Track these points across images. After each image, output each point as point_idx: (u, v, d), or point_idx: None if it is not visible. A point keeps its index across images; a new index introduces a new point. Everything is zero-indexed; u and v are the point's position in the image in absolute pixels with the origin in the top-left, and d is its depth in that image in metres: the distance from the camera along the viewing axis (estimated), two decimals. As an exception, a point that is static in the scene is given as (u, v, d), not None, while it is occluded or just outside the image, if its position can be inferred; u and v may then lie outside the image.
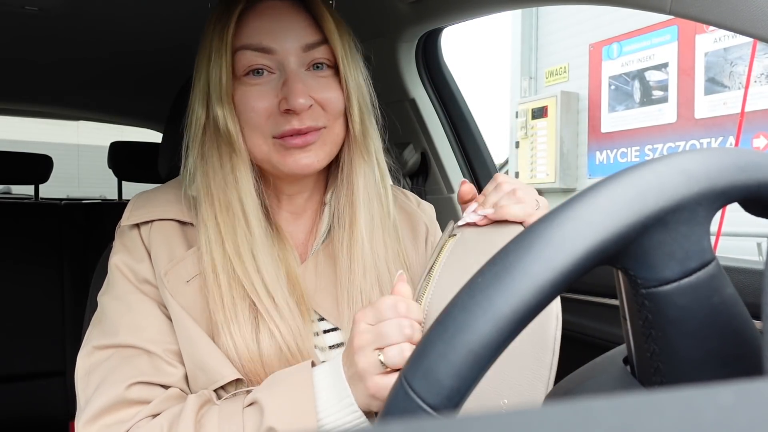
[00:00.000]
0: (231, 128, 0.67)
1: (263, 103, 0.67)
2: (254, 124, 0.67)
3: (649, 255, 0.30)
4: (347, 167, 0.74)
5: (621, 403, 0.15)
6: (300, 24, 0.69)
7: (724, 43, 5.25)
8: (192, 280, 0.67)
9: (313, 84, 0.68)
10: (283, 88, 0.67)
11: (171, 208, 0.72)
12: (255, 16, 0.68)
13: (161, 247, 0.69)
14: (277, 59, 0.68)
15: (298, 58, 0.68)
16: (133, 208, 0.73)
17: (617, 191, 0.29)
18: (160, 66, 1.68)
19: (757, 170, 0.30)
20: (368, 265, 0.71)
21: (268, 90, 0.67)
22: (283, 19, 0.68)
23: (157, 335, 0.65)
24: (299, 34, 0.68)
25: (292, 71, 0.67)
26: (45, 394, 1.71)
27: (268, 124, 0.67)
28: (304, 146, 0.68)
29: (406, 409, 0.29)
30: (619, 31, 6.22)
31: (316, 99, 0.68)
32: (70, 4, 1.23)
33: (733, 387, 0.15)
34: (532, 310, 0.28)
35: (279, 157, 0.68)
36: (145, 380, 0.62)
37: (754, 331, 0.33)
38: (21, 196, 3.16)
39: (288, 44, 0.67)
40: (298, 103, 0.65)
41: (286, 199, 0.75)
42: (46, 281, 1.73)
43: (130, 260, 0.69)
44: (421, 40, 1.32)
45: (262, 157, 0.69)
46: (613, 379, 0.38)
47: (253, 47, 0.67)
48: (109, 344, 0.64)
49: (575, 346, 1.09)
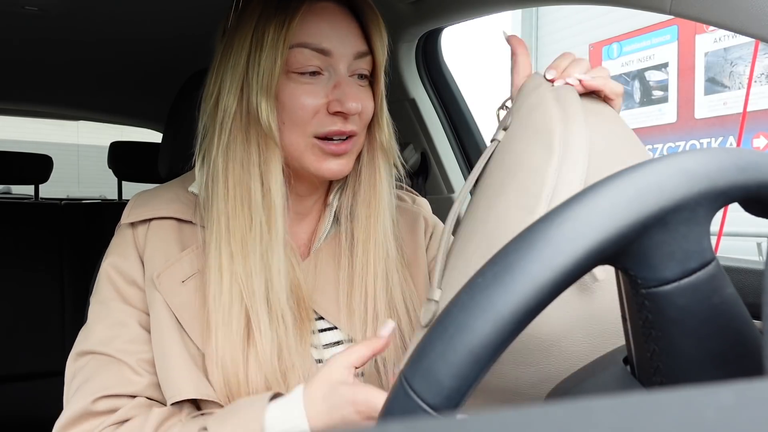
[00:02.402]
0: (272, 122, 0.66)
1: (313, 101, 0.67)
2: (298, 120, 0.67)
3: (649, 255, 0.30)
4: (368, 171, 0.75)
5: (621, 403, 0.15)
6: (353, 31, 0.70)
7: (724, 43, 5.25)
8: (188, 280, 0.67)
9: (356, 91, 0.69)
10: (334, 90, 0.68)
11: (170, 206, 0.71)
12: (314, 16, 0.68)
13: (157, 247, 0.69)
14: (330, 62, 0.68)
15: (348, 64, 0.69)
16: (132, 207, 0.73)
17: (617, 191, 0.29)
18: (161, 66, 1.68)
19: (757, 170, 0.30)
20: (379, 265, 0.72)
21: (318, 90, 0.68)
22: (340, 23, 0.69)
23: (129, 344, 0.65)
24: (353, 42, 0.70)
25: (343, 75, 0.69)
26: (45, 394, 1.71)
27: (313, 122, 0.68)
28: (341, 154, 0.69)
29: (406, 409, 0.29)
30: (619, 31, 6.22)
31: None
32: (71, 5, 1.23)
33: (733, 387, 0.15)
34: (532, 310, 0.28)
35: (314, 158, 0.69)
36: (111, 393, 0.62)
37: (754, 331, 0.33)
38: (21, 196, 3.16)
39: (343, 49, 0.68)
40: (353, 107, 0.66)
41: (297, 200, 0.75)
42: (46, 281, 1.73)
43: (120, 261, 0.69)
44: (421, 40, 1.32)
45: (296, 155, 0.69)
46: (613, 378, 0.38)
47: (312, 47, 0.67)
48: (86, 350, 0.66)
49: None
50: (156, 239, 0.70)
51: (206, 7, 1.26)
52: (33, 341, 1.69)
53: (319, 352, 0.69)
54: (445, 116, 1.40)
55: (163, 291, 0.66)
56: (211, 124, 0.69)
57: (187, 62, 1.62)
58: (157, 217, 0.71)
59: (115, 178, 2.26)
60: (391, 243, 0.74)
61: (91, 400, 0.62)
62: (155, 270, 0.67)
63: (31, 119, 2.81)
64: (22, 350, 1.68)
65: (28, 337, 1.69)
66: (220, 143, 0.68)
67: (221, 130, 0.68)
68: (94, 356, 0.65)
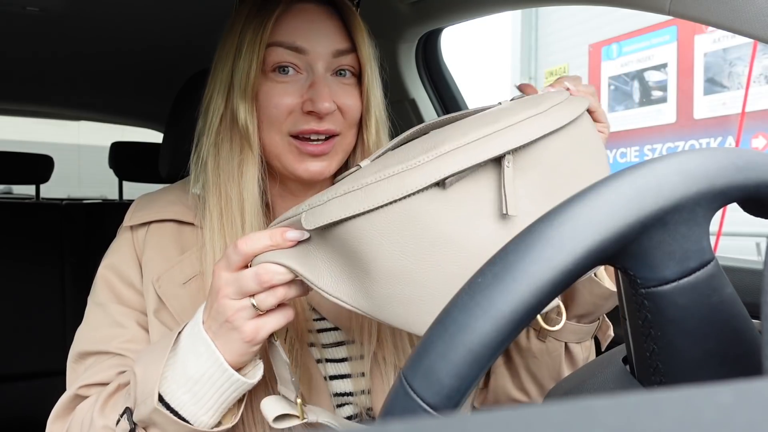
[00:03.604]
0: (249, 123, 0.67)
1: (287, 100, 0.68)
2: (274, 119, 0.68)
3: (648, 255, 0.30)
4: None
5: (620, 403, 0.15)
6: (332, 29, 0.70)
7: (724, 43, 5.25)
8: (189, 282, 0.67)
9: (337, 89, 0.69)
10: (309, 90, 0.68)
11: (171, 208, 0.72)
12: (290, 16, 0.69)
13: (156, 250, 0.69)
14: (306, 60, 0.68)
15: (327, 62, 0.69)
16: (134, 209, 0.73)
17: (617, 191, 0.29)
18: (161, 66, 1.69)
19: (756, 170, 0.30)
20: None
21: (294, 89, 0.68)
22: (317, 22, 0.70)
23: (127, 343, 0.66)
24: (331, 40, 0.69)
25: (320, 74, 0.68)
26: (45, 394, 1.70)
27: (288, 121, 0.68)
28: (319, 155, 0.68)
29: (406, 409, 0.29)
30: (619, 31, 6.22)
31: (338, 104, 0.69)
32: (71, 6, 1.23)
33: (733, 387, 0.15)
34: (531, 310, 0.28)
35: (292, 158, 0.69)
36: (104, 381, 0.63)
37: (753, 330, 0.33)
38: (22, 196, 3.16)
39: (320, 48, 0.68)
40: (324, 107, 0.66)
41: (291, 198, 0.76)
42: (46, 281, 1.73)
43: (117, 263, 0.70)
44: (421, 41, 1.32)
45: (276, 154, 0.69)
46: (613, 378, 0.38)
47: (285, 45, 0.68)
48: (87, 351, 0.67)
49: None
50: (155, 242, 0.70)
51: (206, 8, 1.26)
52: (33, 341, 1.69)
53: (319, 351, 0.69)
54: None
55: (162, 294, 0.66)
56: (204, 125, 0.71)
57: (188, 63, 1.62)
58: (156, 220, 0.71)
59: (116, 178, 2.26)
60: None
61: (80, 386, 0.64)
62: (154, 273, 0.68)
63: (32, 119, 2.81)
64: (22, 350, 1.68)
65: (28, 337, 1.69)
66: (210, 144, 0.70)
67: (210, 131, 0.70)
68: (93, 355, 0.66)
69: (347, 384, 0.68)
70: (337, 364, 0.69)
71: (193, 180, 0.72)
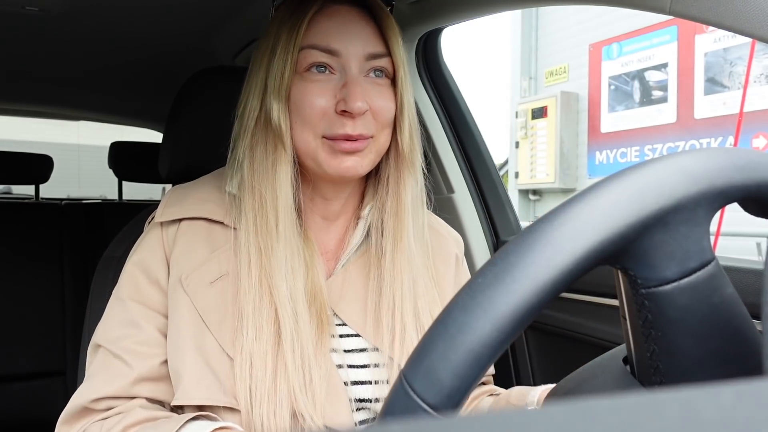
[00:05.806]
0: (282, 123, 0.68)
1: (321, 101, 0.68)
2: (307, 120, 0.68)
3: (648, 255, 0.30)
4: (393, 180, 0.75)
5: (621, 403, 0.15)
6: (366, 32, 0.70)
7: (724, 43, 5.25)
8: (217, 281, 0.67)
9: (370, 90, 0.69)
10: (342, 89, 0.68)
11: (203, 206, 0.72)
12: (324, 18, 0.70)
13: (185, 248, 0.69)
14: (340, 62, 0.69)
15: (360, 64, 0.69)
16: (166, 204, 0.73)
17: (617, 191, 0.29)
18: (161, 66, 1.69)
19: (756, 170, 0.30)
20: (406, 275, 0.72)
21: (327, 88, 0.68)
22: (351, 24, 0.70)
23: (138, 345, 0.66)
24: (365, 42, 0.70)
25: (353, 75, 0.68)
26: (45, 394, 1.71)
27: (322, 122, 0.68)
28: (352, 152, 0.69)
29: (406, 409, 0.29)
30: (619, 31, 6.22)
31: (371, 106, 0.69)
32: (71, 5, 1.23)
33: (733, 387, 0.15)
34: (532, 310, 0.28)
35: (325, 155, 0.69)
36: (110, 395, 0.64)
37: (753, 331, 0.33)
38: (21, 196, 3.16)
39: (353, 49, 0.69)
40: (356, 106, 0.66)
41: (322, 202, 0.76)
42: (46, 281, 1.73)
43: (145, 259, 0.70)
44: (421, 41, 1.32)
45: (309, 153, 0.70)
46: (613, 378, 0.38)
47: (320, 47, 0.68)
48: (98, 343, 0.68)
49: (575, 346, 1.09)
50: (185, 240, 0.70)
51: (206, 8, 1.26)
52: (33, 341, 1.69)
53: (340, 356, 0.69)
54: (445, 116, 1.40)
55: (190, 292, 0.66)
56: (240, 128, 0.72)
57: (188, 63, 1.62)
58: (187, 218, 0.71)
59: (116, 178, 2.26)
60: (418, 251, 0.74)
61: (91, 399, 0.64)
62: (183, 271, 0.67)
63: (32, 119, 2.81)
64: (22, 350, 1.68)
65: (28, 337, 1.69)
66: (246, 145, 0.70)
67: (246, 133, 0.70)
68: (104, 351, 0.67)
69: (368, 390, 0.68)
70: (359, 370, 0.69)
71: (228, 178, 0.72)
